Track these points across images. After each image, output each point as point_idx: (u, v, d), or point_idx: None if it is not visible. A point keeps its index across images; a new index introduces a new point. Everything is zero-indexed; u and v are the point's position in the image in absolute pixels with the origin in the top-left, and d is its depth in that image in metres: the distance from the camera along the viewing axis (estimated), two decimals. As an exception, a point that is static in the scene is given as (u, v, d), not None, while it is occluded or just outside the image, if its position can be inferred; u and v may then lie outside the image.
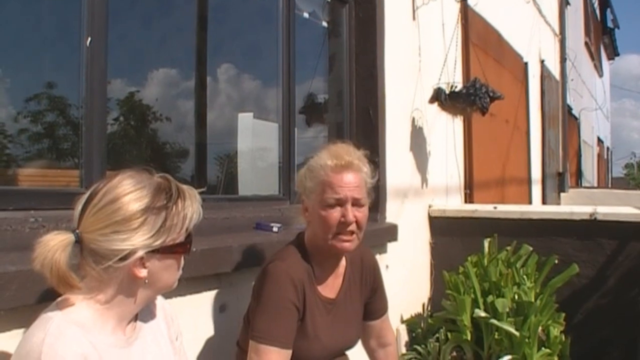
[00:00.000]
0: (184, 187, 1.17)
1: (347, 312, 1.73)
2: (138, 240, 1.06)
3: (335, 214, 1.59)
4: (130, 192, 1.08)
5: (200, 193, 1.19)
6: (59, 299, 1.09)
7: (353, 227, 1.60)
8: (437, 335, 2.91)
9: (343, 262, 1.75)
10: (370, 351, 1.94)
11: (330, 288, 1.70)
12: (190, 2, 2.50)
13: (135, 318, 1.20)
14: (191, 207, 1.15)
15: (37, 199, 1.54)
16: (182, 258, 1.19)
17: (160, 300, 1.31)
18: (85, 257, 1.08)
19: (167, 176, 1.16)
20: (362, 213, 1.62)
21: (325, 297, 1.67)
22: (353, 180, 1.60)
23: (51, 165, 2.09)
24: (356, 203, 1.60)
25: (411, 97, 3.35)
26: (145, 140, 2.62)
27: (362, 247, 1.80)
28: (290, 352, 1.52)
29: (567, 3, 8.78)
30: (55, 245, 1.03)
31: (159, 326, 1.26)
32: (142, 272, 1.09)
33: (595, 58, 14.04)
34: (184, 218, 1.13)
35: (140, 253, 1.07)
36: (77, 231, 1.07)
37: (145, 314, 1.23)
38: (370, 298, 1.83)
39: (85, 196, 1.10)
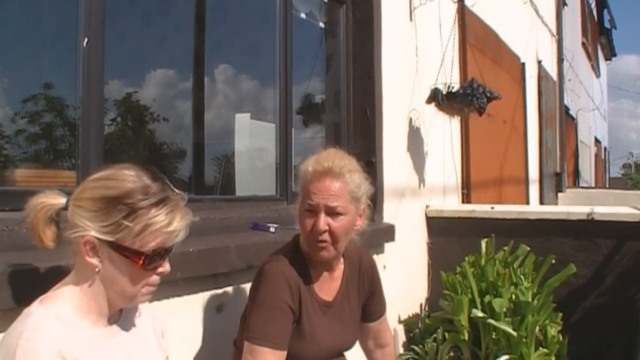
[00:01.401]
0: (178, 204, 1.12)
1: (344, 315, 1.72)
2: (92, 223, 1.07)
3: (310, 220, 1.56)
4: (116, 179, 1.10)
5: (198, 195, 1.19)
6: (43, 296, 1.10)
7: (325, 236, 1.56)
8: (434, 335, 2.91)
9: (341, 265, 1.73)
10: (367, 352, 1.93)
11: (327, 290, 1.69)
12: (188, 3, 2.51)
13: (120, 315, 1.21)
14: (163, 221, 1.08)
15: (34, 200, 1.54)
16: (146, 275, 1.12)
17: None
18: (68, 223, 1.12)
19: (166, 187, 1.13)
20: (338, 223, 1.55)
21: (322, 299, 1.67)
22: (329, 188, 1.54)
23: (48, 166, 2.09)
24: (330, 212, 1.54)
25: (408, 98, 3.35)
26: (142, 140, 2.62)
27: (361, 248, 1.80)
28: (285, 352, 1.52)
29: (564, 4, 8.80)
30: (48, 199, 1.11)
31: (144, 322, 1.27)
32: (92, 259, 1.08)
33: (592, 58, 14.07)
34: (147, 225, 1.07)
35: (88, 234, 1.07)
36: (69, 198, 1.12)
37: (130, 311, 1.24)
38: (368, 300, 1.82)
39: None
